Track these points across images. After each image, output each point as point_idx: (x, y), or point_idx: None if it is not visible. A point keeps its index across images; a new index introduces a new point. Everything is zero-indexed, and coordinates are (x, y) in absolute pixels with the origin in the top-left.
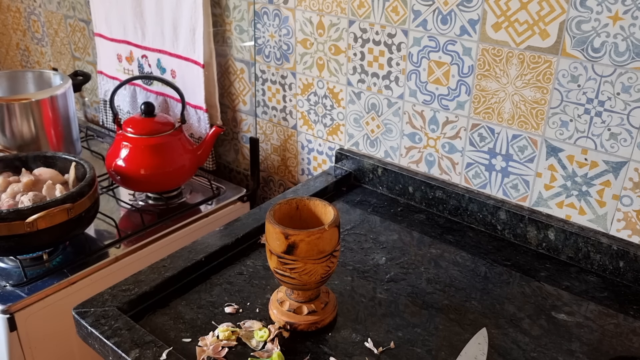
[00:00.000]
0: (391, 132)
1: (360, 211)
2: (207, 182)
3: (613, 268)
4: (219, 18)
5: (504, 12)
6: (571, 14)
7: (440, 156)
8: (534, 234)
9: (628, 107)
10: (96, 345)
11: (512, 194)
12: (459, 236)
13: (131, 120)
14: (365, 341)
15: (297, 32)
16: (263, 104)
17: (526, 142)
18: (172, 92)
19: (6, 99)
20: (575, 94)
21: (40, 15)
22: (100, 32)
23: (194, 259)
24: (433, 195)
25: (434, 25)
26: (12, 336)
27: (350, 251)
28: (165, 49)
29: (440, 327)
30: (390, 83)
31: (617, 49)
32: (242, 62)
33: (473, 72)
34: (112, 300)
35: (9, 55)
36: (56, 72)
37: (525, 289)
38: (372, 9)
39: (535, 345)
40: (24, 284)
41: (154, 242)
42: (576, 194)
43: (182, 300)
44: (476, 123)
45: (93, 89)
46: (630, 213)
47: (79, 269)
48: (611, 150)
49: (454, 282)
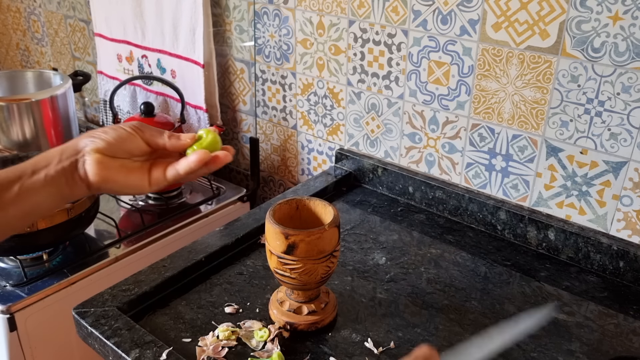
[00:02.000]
0: (391, 132)
1: (360, 211)
2: (207, 182)
3: (613, 268)
4: (219, 18)
5: (504, 12)
6: (571, 14)
7: (440, 156)
8: (534, 234)
9: (628, 107)
10: (96, 346)
11: (512, 194)
12: (459, 236)
13: (131, 120)
14: (365, 341)
15: (297, 32)
16: (263, 104)
17: (526, 142)
18: (172, 92)
19: (6, 99)
20: (575, 94)
21: (40, 15)
22: (100, 32)
23: (194, 259)
24: (433, 195)
25: (434, 25)
26: (12, 336)
27: (350, 251)
28: (165, 49)
29: (440, 327)
30: (390, 83)
31: (617, 49)
32: (242, 62)
33: (473, 72)
34: (112, 300)
35: (9, 55)
36: (56, 72)
37: (525, 289)
38: (372, 9)
39: (535, 345)
40: (24, 284)
41: (154, 242)
42: (576, 194)
43: (182, 300)
44: (476, 123)
45: (93, 89)
46: (630, 213)
47: (79, 269)
48: (611, 150)
49: (454, 282)
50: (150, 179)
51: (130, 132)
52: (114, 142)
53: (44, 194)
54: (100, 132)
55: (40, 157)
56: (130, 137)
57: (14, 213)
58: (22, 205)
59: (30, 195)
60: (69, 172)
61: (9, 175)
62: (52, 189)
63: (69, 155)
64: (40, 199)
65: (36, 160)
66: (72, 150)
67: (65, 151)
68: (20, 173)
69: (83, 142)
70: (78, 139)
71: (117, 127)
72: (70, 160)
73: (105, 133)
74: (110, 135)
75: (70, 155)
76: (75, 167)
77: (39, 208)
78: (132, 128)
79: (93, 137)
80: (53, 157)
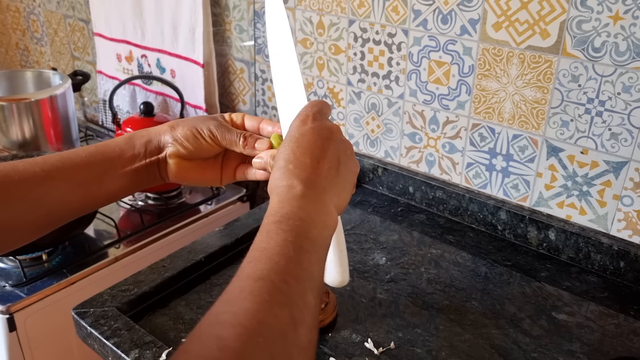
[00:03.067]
0: (391, 132)
1: (360, 211)
2: None
3: (614, 268)
4: (219, 18)
5: (505, 12)
6: (572, 14)
7: (440, 156)
8: (534, 234)
9: (629, 107)
10: (96, 346)
11: (513, 194)
12: (460, 236)
13: (130, 120)
14: (366, 341)
15: (297, 32)
16: (263, 103)
17: (527, 142)
18: (171, 91)
19: (5, 99)
20: (576, 93)
21: (39, 14)
22: (100, 31)
23: (194, 259)
24: (433, 195)
25: (434, 25)
26: (11, 336)
27: (350, 251)
28: (164, 49)
29: (441, 327)
30: (391, 83)
31: (617, 49)
32: (242, 62)
33: (473, 71)
34: (111, 301)
35: (8, 55)
36: (55, 72)
37: (525, 289)
38: (372, 9)
39: (535, 345)
40: (24, 284)
41: (153, 242)
42: (577, 194)
43: (182, 301)
44: (476, 123)
45: (92, 88)
46: (631, 213)
47: (79, 269)
48: (612, 150)
49: (455, 282)
50: (222, 176)
51: (210, 143)
52: (194, 151)
53: (126, 182)
54: (182, 136)
55: (124, 145)
56: (209, 147)
57: (97, 195)
58: (106, 190)
59: (115, 182)
60: (151, 169)
61: (94, 161)
62: (134, 180)
63: (151, 152)
64: (122, 186)
65: (122, 150)
66: (156, 147)
67: (149, 146)
68: (107, 162)
69: (165, 139)
70: (161, 133)
71: (198, 135)
72: (152, 160)
73: (187, 140)
74: (192, 144)
75: (152, 153)
76: (157, 166)
77: (118, 195)
78: (211, 137)
79: (175, 140)
80: (139, 151)
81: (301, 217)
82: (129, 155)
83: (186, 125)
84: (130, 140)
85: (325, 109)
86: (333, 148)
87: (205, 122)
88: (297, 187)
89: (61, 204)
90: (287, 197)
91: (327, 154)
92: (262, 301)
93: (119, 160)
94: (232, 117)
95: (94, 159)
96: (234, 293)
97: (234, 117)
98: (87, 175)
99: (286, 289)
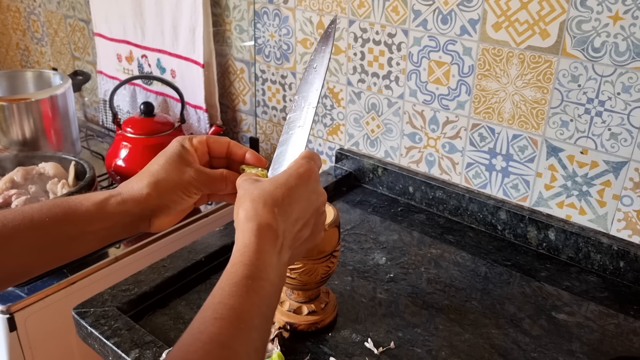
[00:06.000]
0: (391, 132)
1: (360, 211)
2: None
3: (613, 268)
4: (219, 18)
5: (504, 12)
6: (571, 14)
7: (440, 156)
8: (534, 234)
9: (628, 107)
10: (96, 346)
11: (513, 194)
12: (459, 236)
13: (131, 120)
14: (366, 341)
15: (297, 32)
16: (263, 103)
17: (526, 142)
18: (171, 91)
19: (6, 99)
20: (576, 93)
21: (40, 15)
22: (100, 31)
23: (194, 259)
24: (433, 195)
25: (434, 25)
26: (11, 336)
27: (350, 251)
28: (165, 49)
29: (441, 327)
30: (391, 83)
31: (617, 49)
32: (242, 62)
33: (473, 71)
34: (111, 301)
35: (8, 55)
36: (56, 72)
37: (525, 289)
38: (372, 9)
39: (535, 345)
40: (24, 284)
41: (153, 242)
42: (576, 194)
43: (182, 301)
44: (476, 123)
45: (93, 88)
46: (631, 213)
47: (79, 269)
48: (611, 150)
49: (454, 282)
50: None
51: (195, 197)
52: (180, 212)
53: (99, 242)
54: (169, 202)
55: (97, 213)
56: (194, 199)
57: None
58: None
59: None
60: (128, 229)
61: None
62: (107, 239)
63: (131, 224)
64: (95, 246)
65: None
66: (136, 219)
67: (126, 218)
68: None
69: (146, 212)
70: (141, 203)
71: (185, 196)
72: (137, 216)
73: (173, 203)
74: (178, 205)
75: (132, 225)
76: (137, 227)
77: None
78: (196, 192)
79: (160, 209)
80: (115, 222)
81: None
82: (102, 225)
83: (169, 189)
84: (103, 209)
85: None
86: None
87: (183, 173)
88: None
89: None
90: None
91: (308, 222)
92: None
93: (90, 228)
94: (193, 143)
95: (59, 222)
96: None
97: (194, 142)
98: (53, 239)
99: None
